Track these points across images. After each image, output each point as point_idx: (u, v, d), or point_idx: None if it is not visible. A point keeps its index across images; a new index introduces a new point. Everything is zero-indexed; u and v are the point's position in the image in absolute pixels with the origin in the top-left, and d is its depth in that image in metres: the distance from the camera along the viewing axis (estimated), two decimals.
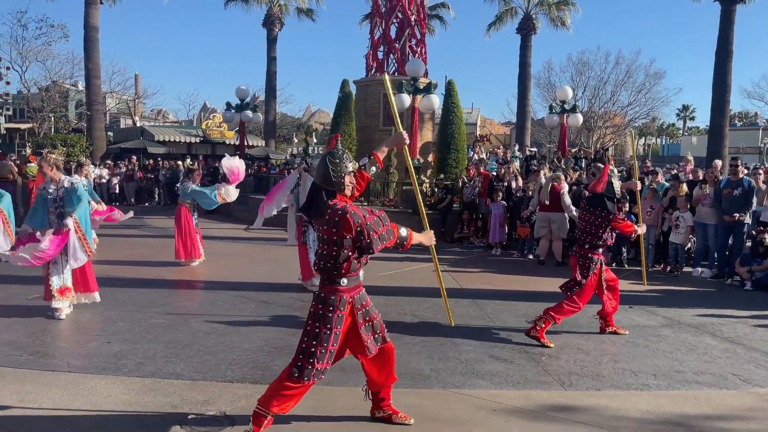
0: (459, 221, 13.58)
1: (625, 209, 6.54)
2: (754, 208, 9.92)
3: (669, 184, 11.14)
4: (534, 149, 22.78)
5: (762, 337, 6.44)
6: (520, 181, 12.97)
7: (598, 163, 13.93)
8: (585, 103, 37.12)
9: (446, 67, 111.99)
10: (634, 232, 6.36)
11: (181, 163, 23.72)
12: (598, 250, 6.17)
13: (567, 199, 10.23)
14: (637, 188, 7.23)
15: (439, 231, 12.54)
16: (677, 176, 12.28)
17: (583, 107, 34.23)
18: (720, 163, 12.72)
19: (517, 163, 16.16)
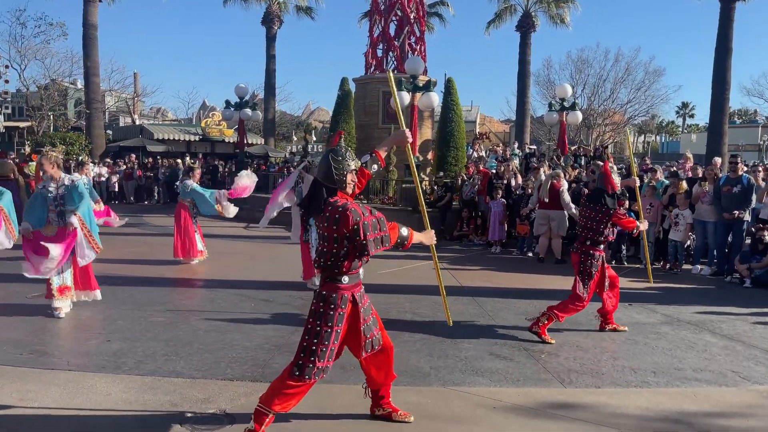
0: (458, 219, 13.58)
1: (625, 206, 6.54)
2: (754, 205, 9.93)
3: (668, 182, 11.14)
4: (533, 147, 22.82)
5: (761, 335, 6.45)
6: (519, 179, 12.97)
7: (598, 161, 13.95)
8: (584, 101, 37.19)
9: (446, 65, 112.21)
10: (636, 228, 6.37)
11: (180, 161, 23.72)
12: (600, 246, 6.17)
13: (566, 197, 10.24)
14: (636, 185, 7.24)
15: (439, 229, 12.53)
16: (676, 173, 12.29)
17: (582, 105, 34.30)
18: (720, 160, 12.73)
19: (517, 161, 16.18)
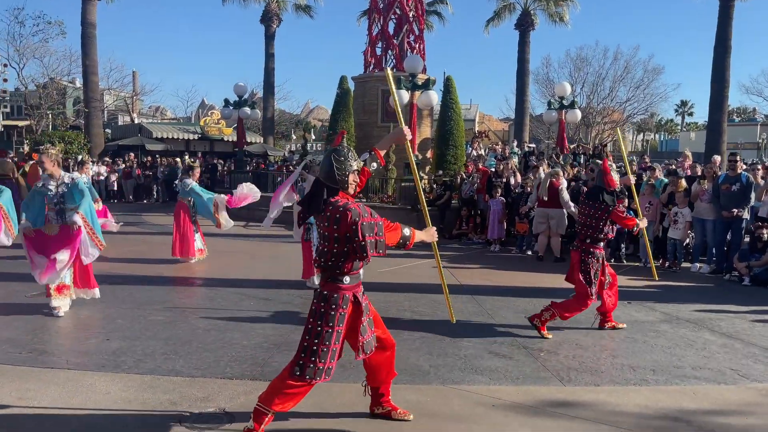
0: (458, 217, 13.59)
1: (624, 204, 6.54)
2: (753, 203, 9.93)
3: (667, 180, 11.15)
4: (532, 145, 22.79)
5: (760, 332, 6.46)
6: (518, 178, 12.97)
7: (597, 159, 13.95)
8: (583, 99, 37.21)
9: (445, 64, 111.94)
10: (636, 226, 6.37)
11: (179, 160, 23.70)
12: (600, 244, 6.17)
13: (565, 195, 10.25)
14: (632, 183, 7.24)
15: (438, 227, 12.44)
16: (675, 171, 12.29)
17: (581, 103, 34.28)
18: (719, 158, 12.72)
19: (516, 160, 16.17)
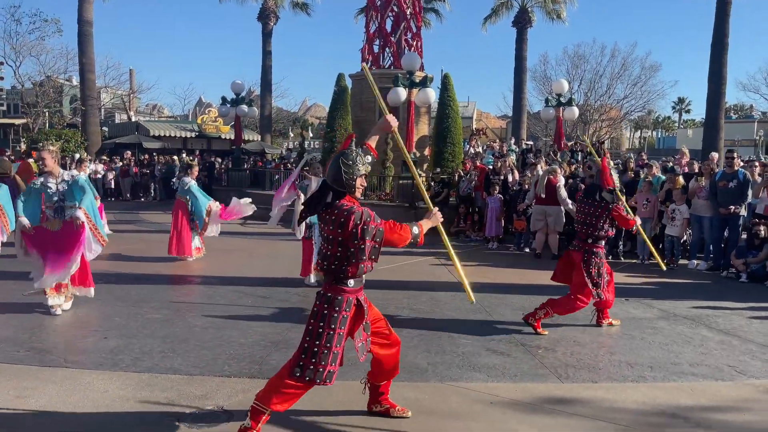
0: (455, 215, 13.58)
1: (623, 202, 6.55)
2: (750, 200, 9.94)
3: (665, 177, 11.16)
4: (530, 143, 22.82)
5: (757, 329, 6.48)
6: (516, 175, 12.97)
7: (593, 157, 13.94)
8: (581, 97, 37.17)
9: (442, 61, 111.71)
10: (635, 225, 6.38)
11: (176, 158, 23.65)
12: (601, 242, 6.18)
13: (563, 192, 10.25)
14: (615, 183, 7.22)
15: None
16: (673, 168, 12.30)
17: (579, 100, 34.28)
18: (717, 155, 12.73)
19: (513, 157, 16.17)
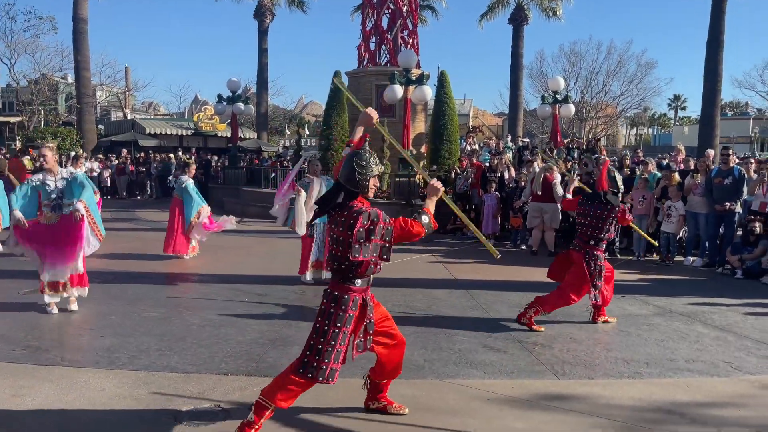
0: (452, 212, 13.57)
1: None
2: (745, 197, 9.97)
3: (660, 174, 11.18)
4: (526, 140, 22.82)
5: (753, 325, 6.50)
6: (512, 172, 12.98)
7: (589, 154, 13.97)
8: (577, 94, 37.24)
9: (438, 58, 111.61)
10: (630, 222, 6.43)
11: (172, 155, 23.59)
12: (602, 245, 6.21)
13: (559, 190, 10.26)
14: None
15: None
16: (669, 166, 12.32)
17: (575, 98, 34.33)
18: (713, 152, 12.73)
19: (510, 154, 16.17)
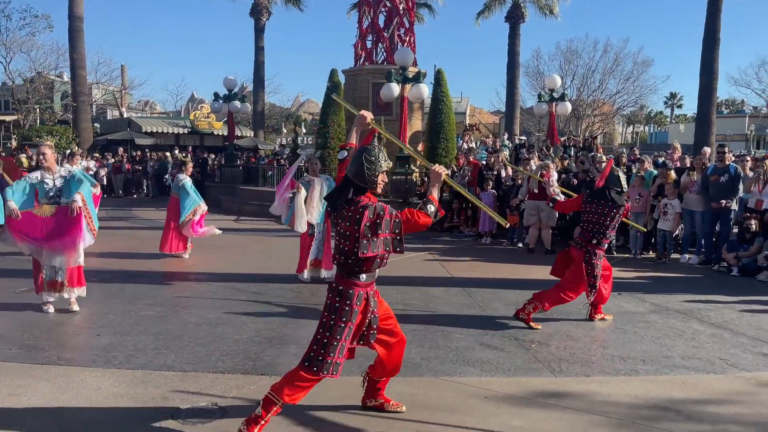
0: (449, 210, 13.59)
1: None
2: (741, 194, 10.00)
3: (657, 172, 11.21)
4: (523, 138, 22.82)
5: (748, 322, 6.52)
6: (509, 170, 12.99)
7: (586, 152, 13.99)
8: (573, 92, 37.31)
9: (435, 56, 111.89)
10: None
11: (168, 154, 23.54)
12: (605, 245, 6.24)
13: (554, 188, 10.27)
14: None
15: None
16: (664, 163, 12.35)
17: (571, 96, 34.37)
18: (709, 150, 12.77)
19: (507, 152, 16.19)
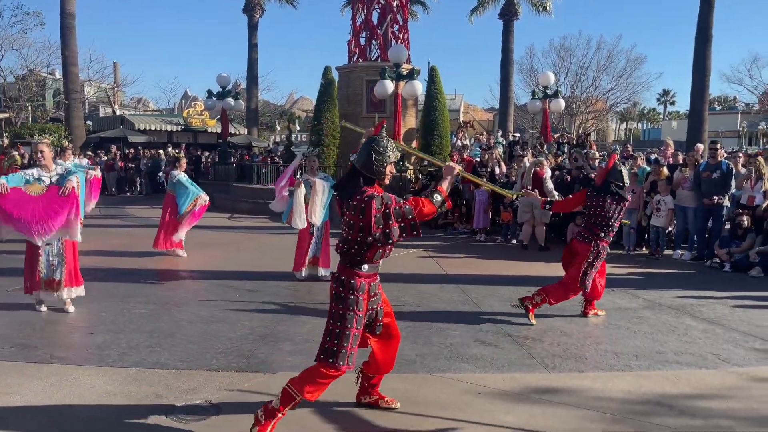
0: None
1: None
2: (733, 191, 10.05)
3: (650, 169, 11.25)
4: (517, 135, 22.87)
5: (740, 318, 6.56)
6: (503, 167, 13.02)
7: (579, 149, 14.02)
8: (567, 89, 37.41)
9: (429, 53, 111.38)
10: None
11: (162, 151, 23.45)
12: (610, 237, 6.28)
13: (549, 184, 10.32)
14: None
15: None
16: (657, 160, 12.41)
17: (565, 93, 34.47)
18: (701, 146, 12.83)
19: (500, 149, 16.22)
